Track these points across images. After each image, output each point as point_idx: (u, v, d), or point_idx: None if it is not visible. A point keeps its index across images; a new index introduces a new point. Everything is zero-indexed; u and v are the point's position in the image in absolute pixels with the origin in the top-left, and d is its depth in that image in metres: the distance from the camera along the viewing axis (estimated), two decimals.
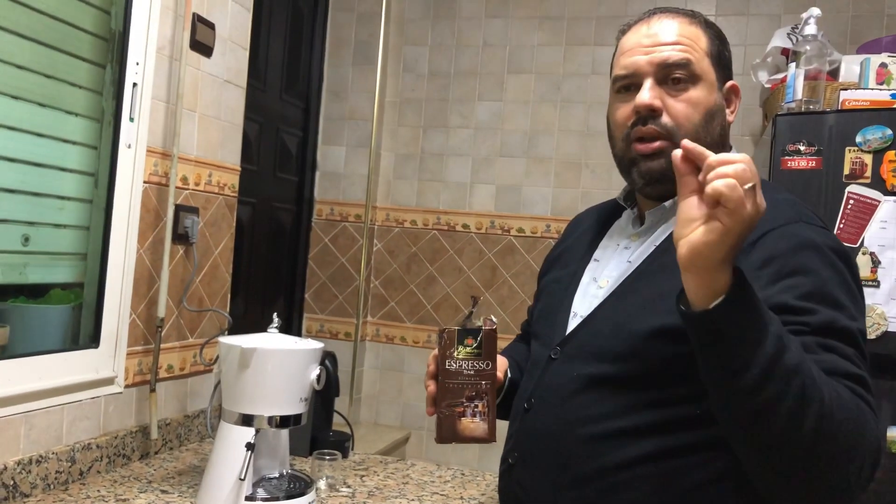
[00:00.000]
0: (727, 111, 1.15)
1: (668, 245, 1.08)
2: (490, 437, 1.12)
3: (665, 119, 1.08)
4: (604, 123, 1.20)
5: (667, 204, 1.13)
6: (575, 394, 1.07)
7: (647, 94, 1.08)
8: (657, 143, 1.09)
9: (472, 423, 1.11)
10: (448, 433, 1.11)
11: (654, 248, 1.12)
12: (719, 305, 0.84)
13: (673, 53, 1.09)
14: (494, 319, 1.15)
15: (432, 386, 1.13)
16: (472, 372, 1.12)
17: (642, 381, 1.02)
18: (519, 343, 1.40)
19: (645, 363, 1.02)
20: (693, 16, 1.14)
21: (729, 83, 1.15)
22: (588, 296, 1.15)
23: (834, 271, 0.99)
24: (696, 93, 1.09)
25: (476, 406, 1.11)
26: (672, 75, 1.09)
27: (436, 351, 1.14)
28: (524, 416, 1.14)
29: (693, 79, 1.09)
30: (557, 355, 1.13)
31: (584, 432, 1.05)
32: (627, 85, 1.12)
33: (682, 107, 1.09)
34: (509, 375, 1.23)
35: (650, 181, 1.11)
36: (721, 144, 1.13)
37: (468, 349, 1.12)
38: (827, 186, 1.94)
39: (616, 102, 1.15)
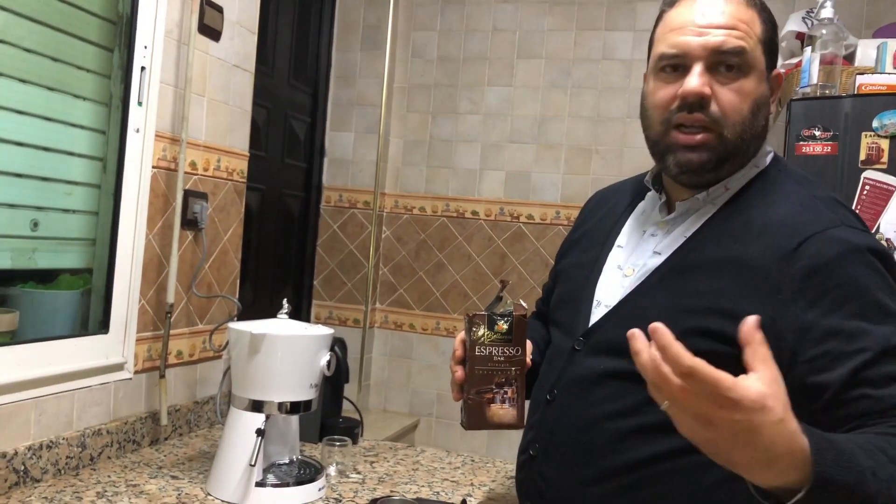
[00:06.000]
0: (770, 101, 1.09)
1: (700, 240, 1.05)
2: (519, 424, 1.09)
3: (714, 108, 1.02)
4: (614, 109, 1.16)
5: (700, 196, 1.09)
6: (600, 388, 1.05)
7: (697, 80, 1.02)
8: (700, 136, 1.03)
9: (502, 410, 1.07)
10: (477, 420, 1.08)
11: (683, 240, 1.07)
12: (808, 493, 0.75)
13: (729, 39, 1.02)
14: (524, 304, 1.11)
15: (459, 371, 1.09)
16: (502, 358, 1.08)
17: None
18: (535, 321, 1.36)
19: None
20: None
21: (774, 71, 1.09)
22: (613, 285, 1.12)
23: (878, 276, 0.96)
24: (747, 83, 1.03)
25: (505, 392, 1.08)
26: (725, 62, 1.02)
27: (462, 335, 1.10)
28: (546, 407, 1.11)
29: (745, 68, 1.03)
30: (581, 347, 1.10)
31: (610, 427, 1.03)
32: (674, 65, 1.05)
33: (731, 96, 1.03)
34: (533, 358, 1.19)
35: (685, 171, 1.06)
36: (760, 137, 1.08)
37: (498, 335, 1.08)
38: (842, 172, 1.91)
39: (657, 82, 1.07)
